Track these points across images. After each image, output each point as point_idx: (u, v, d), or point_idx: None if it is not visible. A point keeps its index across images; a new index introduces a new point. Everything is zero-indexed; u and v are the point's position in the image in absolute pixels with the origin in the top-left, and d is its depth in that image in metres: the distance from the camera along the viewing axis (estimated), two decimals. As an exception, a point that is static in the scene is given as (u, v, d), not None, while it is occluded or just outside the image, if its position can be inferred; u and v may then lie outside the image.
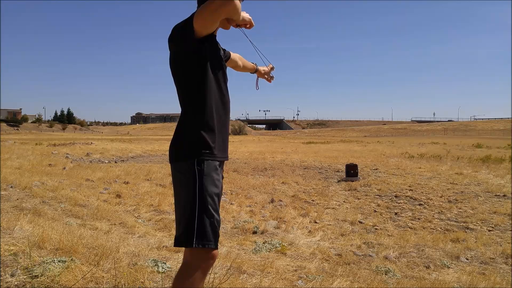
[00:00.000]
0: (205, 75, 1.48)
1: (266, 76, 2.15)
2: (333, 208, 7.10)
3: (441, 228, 5.82)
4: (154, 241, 3.79)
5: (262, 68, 2.14)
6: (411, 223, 6.13)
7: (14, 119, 73.67)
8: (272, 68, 2.17)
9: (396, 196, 8.06)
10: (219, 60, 1.56)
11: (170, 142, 1.53)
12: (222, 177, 1.63)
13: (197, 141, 1.45)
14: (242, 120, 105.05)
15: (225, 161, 1.63)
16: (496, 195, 7.80)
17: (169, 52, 1.52)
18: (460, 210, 6.82)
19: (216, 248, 1.42)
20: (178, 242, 1.42)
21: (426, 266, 3.85)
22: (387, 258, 4.04)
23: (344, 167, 10.65)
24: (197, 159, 1.43)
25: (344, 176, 10.24)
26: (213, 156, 1.47)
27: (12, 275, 2.12)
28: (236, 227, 5.16)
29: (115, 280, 2.21)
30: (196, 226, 1.37)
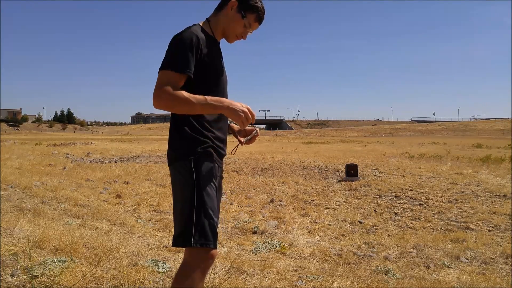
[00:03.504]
0: (204, 78, 1.48)
1: (238, 135, 1.70)
2: (333, 208, 7.09)
3: (441, 228, 5.82)
4: (154, 241, 3.79)
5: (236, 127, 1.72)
6: (411, 223, 6.13)
7: (14, 119, 73.72)
8: (251, 131, 1.62)
9: (396, 196, 8.05)
10: (219, 63, 1.56)
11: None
12: (222, 177, 1.63)
13: (193, 140, 1.45)
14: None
15: (225, 162, 1.63)
16: (496, 195, 7.80)
17: None
18: (460, 210, 6.82)
19: (215, 247, 1.42)
20: (176, 242, 1.42)
21: (426, 266, 3.85)
22: (387, 258, 4.03)
23: (344, 167, 10.65)
24: (193, 158, 1.43)
25: (344, 176, 10.23)
26: (209, 156, 1.47)
27: (12, 275, 2.12)
28: (236, 227, 5.16)
29: (115, 280, 2.21)
30: (194, 226, 1.37)
